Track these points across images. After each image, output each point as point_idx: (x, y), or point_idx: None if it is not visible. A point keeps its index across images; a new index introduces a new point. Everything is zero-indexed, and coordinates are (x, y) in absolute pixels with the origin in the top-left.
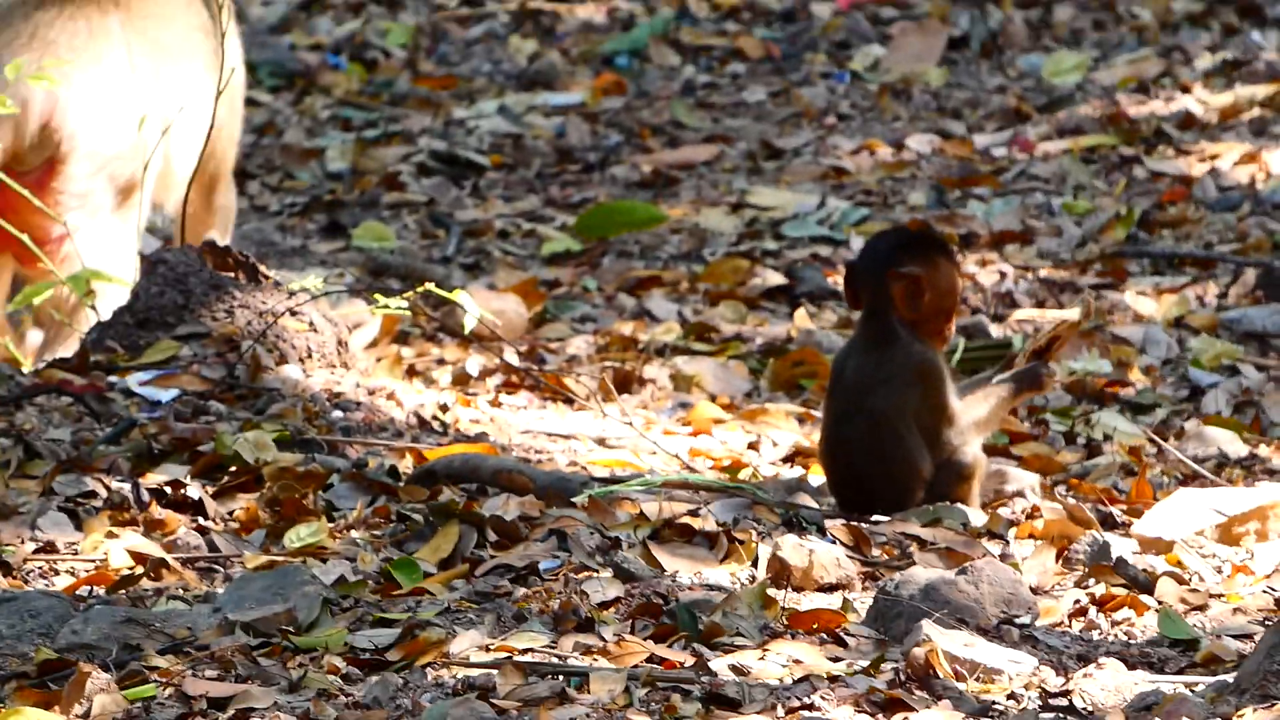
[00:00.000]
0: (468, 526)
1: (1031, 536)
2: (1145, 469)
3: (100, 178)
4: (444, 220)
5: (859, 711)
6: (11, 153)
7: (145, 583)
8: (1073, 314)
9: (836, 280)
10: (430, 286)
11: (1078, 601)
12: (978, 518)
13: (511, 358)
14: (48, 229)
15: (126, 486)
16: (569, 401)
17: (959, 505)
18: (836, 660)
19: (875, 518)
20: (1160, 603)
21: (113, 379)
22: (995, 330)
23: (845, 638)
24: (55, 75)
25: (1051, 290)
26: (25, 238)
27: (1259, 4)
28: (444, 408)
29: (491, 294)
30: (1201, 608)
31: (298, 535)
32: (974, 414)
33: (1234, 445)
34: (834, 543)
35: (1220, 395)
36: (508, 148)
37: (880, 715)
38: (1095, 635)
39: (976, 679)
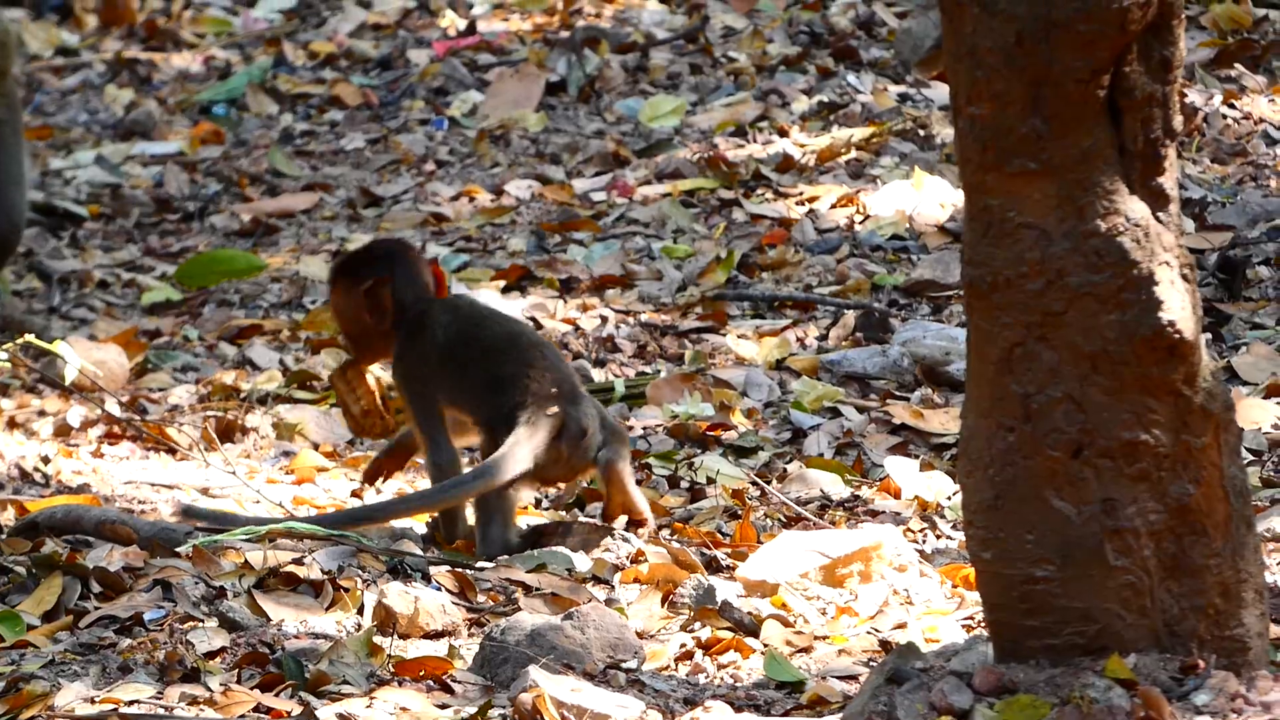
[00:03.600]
0: (71, 578)
1: (637, 581)
2: (749, 512)
3: None
4: (43, 271)
5: None
6: None
7: None
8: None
9: None
10: (30, 337)
11: (684, 645)
12: (582, 563)
13: (113, 408)
14: None
15: None
16: (172, 451)
17: (563, 550)
18: (444, 707)
19: (480, 564)
20: (766, 645)
21: None
22: (597, 375)
23: (452, 684)
24: None
25: (653, 334)
26: None
27: (854, 47)
28: (45, 459)
29: (92, 344)
30: (807, 649)
31: None
32: None
33: (836, 487)
34: (439, 589)
35: (822, 437)
36: (106, 198)
37: None
38: (702, 679)
39: None
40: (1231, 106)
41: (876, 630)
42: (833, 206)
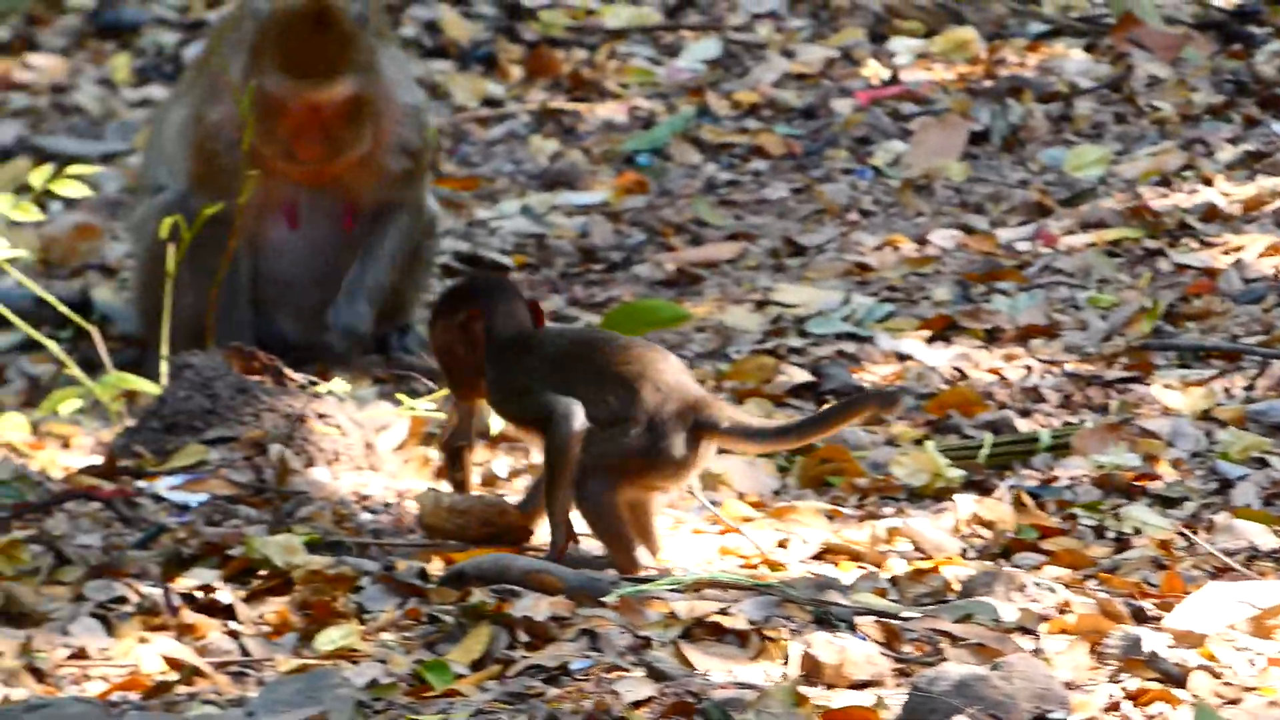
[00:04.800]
0: (498, 627)
1: (1063, 631)
2: (1175, 562)
3: None
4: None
5: None
6: None
7: (178, 688)
8: None
9: (863, 376)
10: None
11: (1111, 696)
12: (1008, 612)
13: (538, 458)
14: None
15: (157, 591)
16: None
17: (989, 600)
18: None
19: (905, 614)
20: (1194, 696)
21: (141, 484)
22: (1022, 425)
23: None
24: None
25: (1078, 384)
26: None
27: None
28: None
29: None
30: (1235, 701)
31: (329, 638)
32: None
33: (1265, 538)
34: (865, 639)
35: (1249, 488)
36: (531, 248)
37: None
38: None
39: None
40: None
41: None
42: (1259, 256)
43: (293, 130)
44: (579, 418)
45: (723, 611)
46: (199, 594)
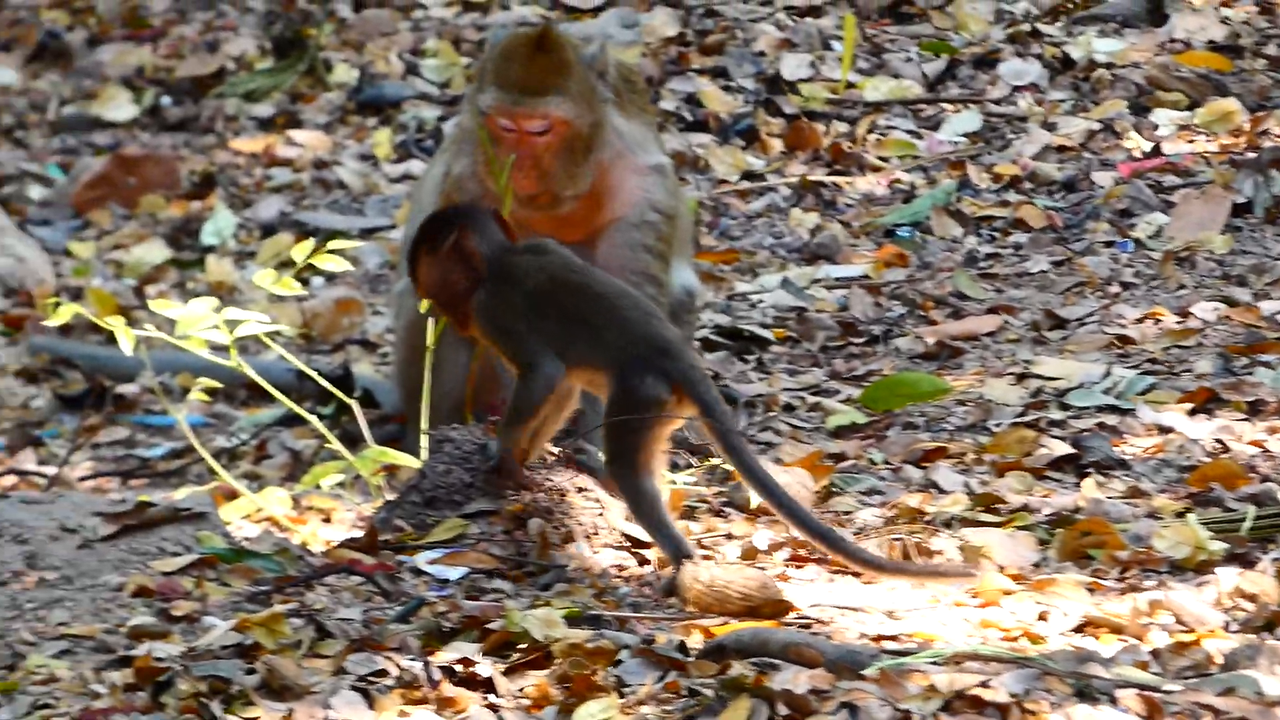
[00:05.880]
0: (758, 700)
1: None
2: None
3: None
4: (730, 394)
5: None
6: None
7: None
8: None
9: (1124, 449)
10: (716, 461)
11: None
12: (1272, 686)
13: (799, 531)
14: None
15: (417, 665)
16: (856, 574)
17: (1251, 674)
18: None
19: (1167, 687)
20: None
21: (402, 558)
22: None
23: None
24: None
25: None
26: None
27: None
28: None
29: (778, 467)
30: None
31: (589, 712)
32: None
33: None
34: (1126, 713)
35: None
36: (791, 321)
37: None
38: None
39: None
40: None
41: None
42: None
43: (508, 157)
44: (556, 381)
45: (983, 685)
46: (459, 667)
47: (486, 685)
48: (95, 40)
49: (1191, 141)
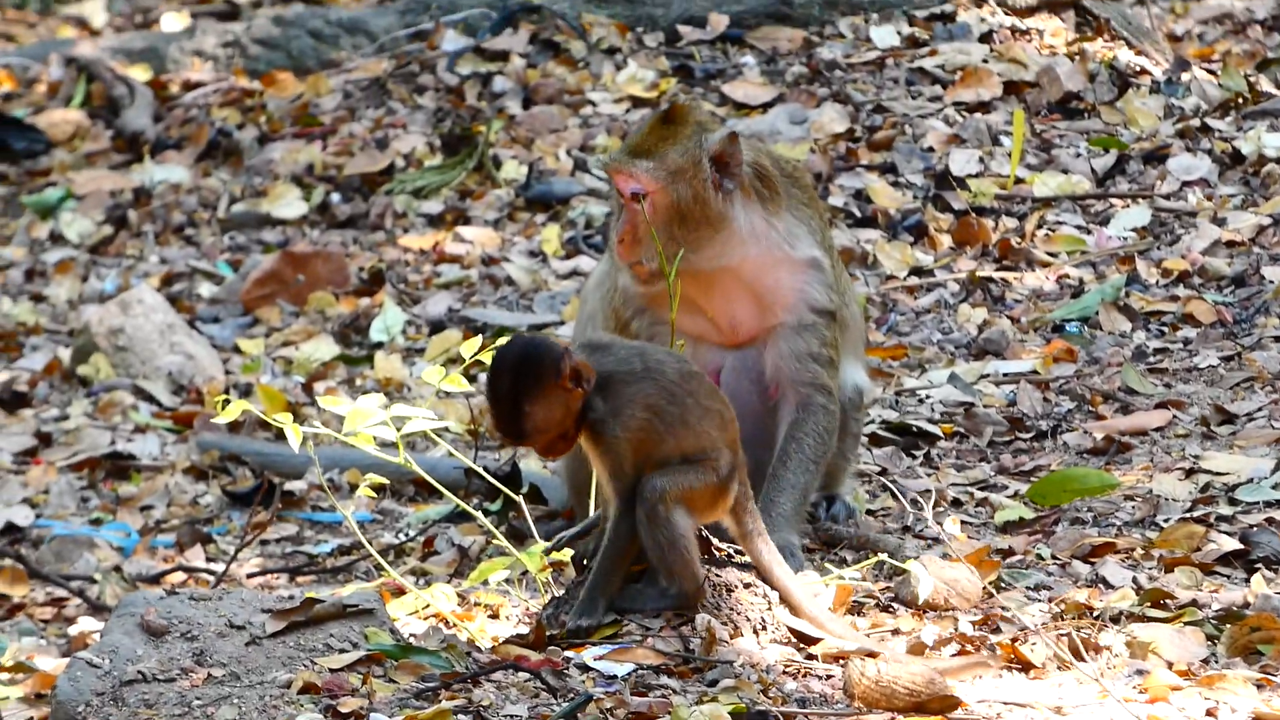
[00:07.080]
0: None
1: None
2: None
3: None
4: (898, 489)
5: None
6: None
7: None
8: None
9: None
10: (883, 557)
11: None
12: None
13: (966, 627)
14: None
15: None
16: (1025, 670)
17: None
18: None
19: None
20: None
21: (569, 654)
22: None
23: None
24: None
25: None
26: None
27: None
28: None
29: (945, 563)
30: None
31: None
32: None
33: None
34: None
35: None
36: (959, 416)
37: None
38: None
39: None
40: None
41: None
42: None
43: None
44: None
45: None
46: None
47: None
48: (265, 138)
49: None
